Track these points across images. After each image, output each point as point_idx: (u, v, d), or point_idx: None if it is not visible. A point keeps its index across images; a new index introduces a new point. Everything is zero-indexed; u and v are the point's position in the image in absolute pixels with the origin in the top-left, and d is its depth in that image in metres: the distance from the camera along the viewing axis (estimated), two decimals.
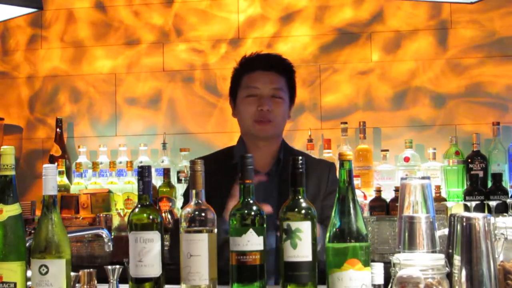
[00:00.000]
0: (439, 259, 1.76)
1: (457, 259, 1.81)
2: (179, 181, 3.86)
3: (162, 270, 1.90)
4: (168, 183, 3.78)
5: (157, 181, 3.81)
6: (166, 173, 3.78)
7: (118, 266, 2.01)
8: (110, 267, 2.00)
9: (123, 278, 1.98)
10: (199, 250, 1.85)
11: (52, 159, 4.01)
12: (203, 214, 1.89)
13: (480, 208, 3.46)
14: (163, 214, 3.60)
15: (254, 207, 1.87)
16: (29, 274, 1.88)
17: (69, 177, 4.02)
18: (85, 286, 2.03)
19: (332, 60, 4.02)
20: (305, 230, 1.82)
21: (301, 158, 1.89)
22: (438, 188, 3.58)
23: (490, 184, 3.64)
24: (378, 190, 3.59)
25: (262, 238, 1.85)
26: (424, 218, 1.86)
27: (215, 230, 1.90)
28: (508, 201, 3.37)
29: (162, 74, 4.18)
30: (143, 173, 1.93)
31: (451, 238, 1.86)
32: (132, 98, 4.20)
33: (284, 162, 2.62)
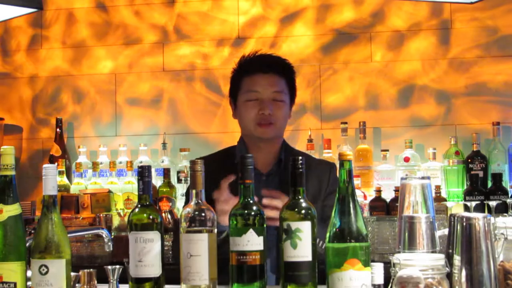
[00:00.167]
0: (439, 259, 1.76)
1: (457, 259, 1.81)
2: (179, 181, 3.85)
3: (162, 270, 1.90)
4: (168, 183, 3.77)
5: (157, 181, 3.80)
6: (166, 173, 3.78)
7: (118, 266, 2.01)
8: (110, 267, 2.00)
9: (123, 278, 1.98)
10: (199, 250, 1.85)
11: (52, 159, 4.01)
12: (203, 214, 1.89)
13: (480, 208, 3.45)
14: (163, 214, 3.59)
15: (254, 207, 1.87)
16: (29, 274, 1.88)
17: (69, 177, 4.02)
18: (85, 286, 2.03)
19: (333, 60, 4.02)
20: (305, 230, 1.83)
21: (301, 158, 1.89)
22: (438, 188, 3.58)
23: (490, 184, 3.64)
24: (378, 190, 3.59)
25: (262, 238, 1.85)
26: (424, 218, 1.85)
27: (215, 230, 1.90)
28: (508, 201, 3.37)
29: (163, 74, 4.18)
30: (143, 173, 1.94)
31: (451, 238, 1.86)
32: (132, 98, 4.20)
33: (285, 162, 2.62)
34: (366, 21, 4.01)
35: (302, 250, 1.82)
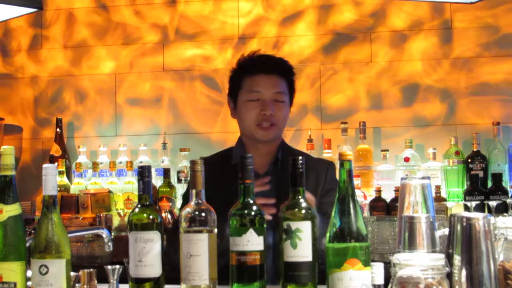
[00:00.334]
0: (439, 259, 1.76)
1: (457, 259, 1.81)
2: (179, 181, 3.86)
3: (162, 270, 1.90)
4: (168, 183, 3.78)
5: (157, 181, 3.81)
6: (166, 173, 3.78)
7: (118, 266, 2.01)
8: (110, 267, 2.00)
9: (123, 278, 1.98)
10: (199, 250, 1.85)
11: (52, 159, 4.01)
12: (203, 214, 1.89)
13: (480, 208, 3.46)
14: (163, 214, 3.60)
15: (254, 207, 1.87)
16: (29, 274, 1.88)
17: (69, 177, 4.02)
18: (85, 286, 2.02)
19: (333, 60, 4.02)
20: (305, 230, 1.83)
21: (301, 158, 1.89)
22: (438, 188, 3.58)
23: (490, 184, 3.64)
24: (378, 190, 3.59)
25: (262, 238, 1.85)
26: (424, 218, 1.85)
27: (215, 230, 1.90)
28: (508, 201, 3.37)
29: (163, 74, 4.18)
30: (143, 173, 1.94)
31: (451, 238, 1.86)
32: (133, 98, 4.20)
33: (282, 162, 2.62)
34: (366, 21, 4.01)
35: (302, 250, 1.82)
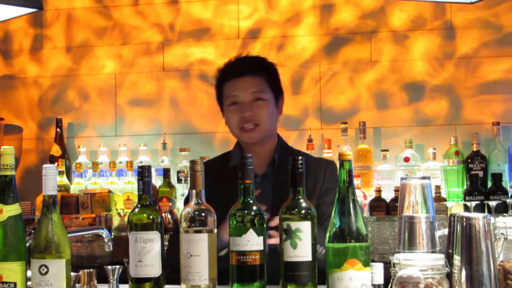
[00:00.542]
0: (439, 259, 1.76)
1: (457, 259, 1.81)
2: (179, 181, 3.86)
3: (162, 270, 1.90)
4: (168, 183, 3.77)
5: (157, 181, 3.80)
6: (166, 173, 3.78)
7: (118, 266, 2.01)
8: (110, 267, 2.00)
9: (123, 278, 1.98)
10: (199, 250, 1.85)
11: (52, 159, 4.01)
12: (203, 214, 1.89)
13: (480, 208, 3.45)
14: (163, 214, 3.60)
15: (254, 207, 1.87)
16: (29, 274, 1.88)
17: (69, 177, 4.02)
18: (85, 286, 2.03)
19: (333, 61, 4.01)
20: (305, 230, 1.82)
21: (301, 158, 1.88)
22: (438, 188, 3.58)
23: (490, 184, 3.64)
24: (378, 190, 3.59)
25: (262, 238, 1.85)
26: (424, 218, 1.85)
27: (215, 230, 1.90)
28: (508, 201, 3.37)
29: (163, 74, 4.18)
30: (143, 173, 1.94)
31: (451, 238, 1.86)
32: (133, 98, 4.20)
33: (279, 163, 2.61)
34: (366, 22, 4.00)
35: (302, 250, 1.82)
